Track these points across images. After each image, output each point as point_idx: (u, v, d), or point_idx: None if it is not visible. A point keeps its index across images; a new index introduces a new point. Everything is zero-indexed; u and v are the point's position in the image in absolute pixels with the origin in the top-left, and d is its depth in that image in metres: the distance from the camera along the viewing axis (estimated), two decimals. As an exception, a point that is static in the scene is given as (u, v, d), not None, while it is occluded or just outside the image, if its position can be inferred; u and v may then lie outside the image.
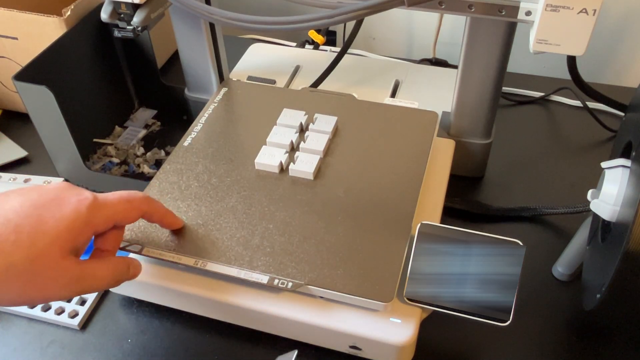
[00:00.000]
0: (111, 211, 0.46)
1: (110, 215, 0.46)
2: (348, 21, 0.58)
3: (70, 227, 0.42)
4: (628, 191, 0.48)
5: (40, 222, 0.41)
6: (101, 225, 0.45)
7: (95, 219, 0.44)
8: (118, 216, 0.46)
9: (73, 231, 0.42)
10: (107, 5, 0.60)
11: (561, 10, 0.48)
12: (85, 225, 0.43)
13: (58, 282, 0.42)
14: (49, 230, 0.41)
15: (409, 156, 0.61)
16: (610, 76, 0.94)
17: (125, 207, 0.47)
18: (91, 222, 0.44)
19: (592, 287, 0.50)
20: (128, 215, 0.48)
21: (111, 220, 0.46)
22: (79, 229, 0.43)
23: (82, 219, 0.43)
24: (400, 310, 0.50)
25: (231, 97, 0.70)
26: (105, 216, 0.45)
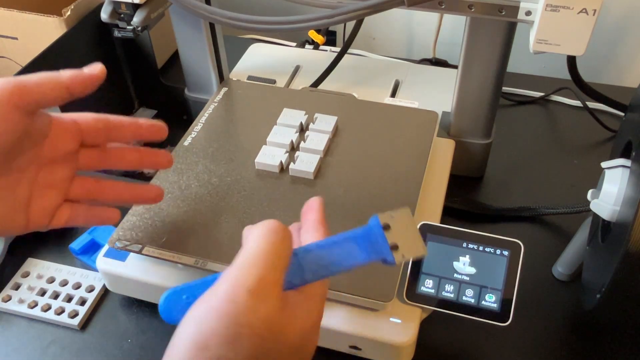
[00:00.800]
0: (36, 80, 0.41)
1: (36, 84, 0.41)
2: (348, 21, 0.58)
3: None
4: (628, 191, 0.48)
5: None
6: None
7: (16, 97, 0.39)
8: (46, 83, 0.42)
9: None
10: (107, 5, 0.60)
11: (561, 10, 0.48)
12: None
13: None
14: None
15: (409, 156, 0.61)
16: (610, 76, 0.94)
17: (53, 74, 0.43)
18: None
19: (592, 287, 0.50)
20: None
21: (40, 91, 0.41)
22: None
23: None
24: (400, 310, 0.50)
25: (231, 97, 0.70)
26: (31, 90, 0.40)
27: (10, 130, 0.39)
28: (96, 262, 0.56)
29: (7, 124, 0.39)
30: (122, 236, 0.54)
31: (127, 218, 0.55)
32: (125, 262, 0.55)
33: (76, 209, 0.46)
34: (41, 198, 0.44)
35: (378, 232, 0.36)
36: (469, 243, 0.51)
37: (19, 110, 0.39)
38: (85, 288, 0.60)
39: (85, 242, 0.62)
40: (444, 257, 0.51)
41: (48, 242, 0.65)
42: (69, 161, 0.45)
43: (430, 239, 0.52)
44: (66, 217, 0.46)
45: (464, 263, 0.50)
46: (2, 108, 0.38)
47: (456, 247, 0.51)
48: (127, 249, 0.53)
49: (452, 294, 0.50)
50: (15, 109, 0.39)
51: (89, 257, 0.62)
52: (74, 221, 0.46)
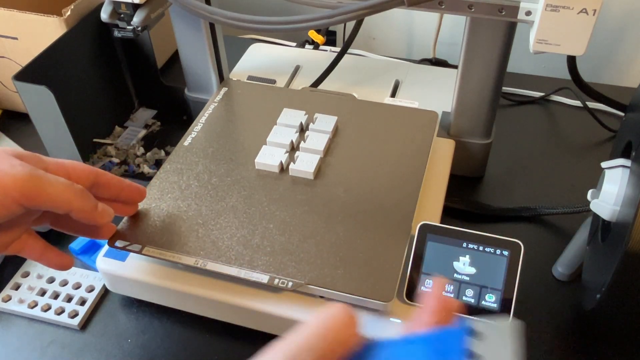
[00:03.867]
0: (47, 196, 0.41)
1: (46, 200, 0.41)
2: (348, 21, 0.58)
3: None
4: (628, 191, 0.48)
5: None
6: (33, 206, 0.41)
7: (25, 199, 0.40)
8: (56, 202, 0.41)
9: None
10: (107, 5, 0.60)
11: (561, 10, 0.48)
12: (11, 203, 0.40)
13: None
14: None
15: (409, 156, 0.61)
16: (610, 76, 0.94)
17: (67, 195, 0.42)
18: (17, 201, 0.40)
19: (592, 287, 0.50)
20: (69, 202, 0.42)
21: (47, 204, 0.41)
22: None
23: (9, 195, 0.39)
24: (400, 310, 0.50)
25: (231, 97, 0.70)
26: (40, 200, 0.41)
27: (3, 217, 0.40)
28: (96, 262, 0.56)
29: (4, 212, 0.40)
30: (122, 236, 0.54)
31: (127, 218, 0.55)
32: (125, 262, 0.55)
33: (33, 244, 0.47)
34: (3, 235, 0.44)
35: (457, 334, 0.30)
36: (469, 243, 0.51)
37: (21, 206, 0.40)
38: (85, 288, 0.60)
39: (85, 242, 0.62)
40: (444, 257, 0.51)
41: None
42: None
43: (430, 239, 0.52)
44: (19, 248, 0.46)
45: (464, 263, 0.50)
46: (8, 203, 0.39)
47: (456, 247, 0.51)
48: (127, 249, 0.53)
49: (452, 294, 0.50)
50: (19, 206, 0.40)
51: (89, 257, 0.62)
52: (27, 255, 0.47)
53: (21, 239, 0.46)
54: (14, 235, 0.45)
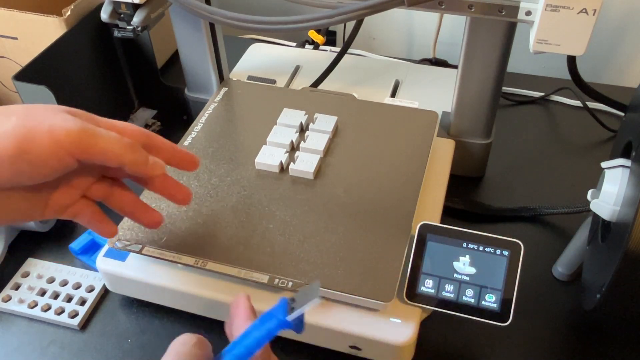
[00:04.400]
0: (99, 148, 0.41)
1: (98, 152, 0.41)
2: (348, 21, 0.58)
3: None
4: (628, 191, 0.48)
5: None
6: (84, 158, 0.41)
7: (78, 152, 0.40)
8: (108, 154, 0.41)
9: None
10: (107, 5, 0.60)
11: (561, 10, 0.48)
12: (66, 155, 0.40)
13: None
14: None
15: (409, 156, 0.61)
16: (610, 76, 0.94)
17: (119, 147, 0.42)
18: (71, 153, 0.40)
19: (592, 287, 0.50)
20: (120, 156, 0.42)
21: (100, 157, 0.41)
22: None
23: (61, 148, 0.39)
24: (400, 310, 0.50)
25: (231, 97, 0.70)
26: (93, 152, 0.41)
27: (59, 171, 0.40)
28: (96, 262, 0.56)
29: (60, 169, 0.40)
30: (122, 236, 0.54)
31: (127, 218, 0.55)
32: (125, 262, 0.55)
33: (86, 209, 0.46)
34: (62, 196, 0.44)
35: (279, 304, 0.38)
36: (469, 243, 0.51)
37: (73, 158, 0.40)
38: (85, 288, 0.60)
39: (85, 242, 0.62)
40: (444, 257, 0.51)
41: (48, 242, 0.65)
42: (98, 167, 0.45)
43: (430, 239, 0.52)
44: (74, 212, 0.46)
45: (464, 263, 0.50)
46: (64, 157, 0.39)
47: (456, 247, 0.51)
48: (127, 249, 0.53)
49: (452, 294, 0.50)
50: (72, 158, 0.40)
51: (89, 257, 0.62)
52: (80, 219, 0.46)
53: (78, 204, 0.45)
54: (71, 196, 0.45)
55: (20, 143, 0.38)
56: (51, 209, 0.44)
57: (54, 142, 0.39)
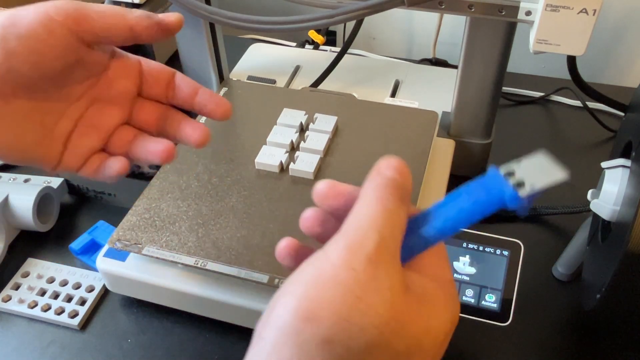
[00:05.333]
0: (97, 14, 0.36)
1: (97, 19, 0.36)
2: (348, 21, 0.58)
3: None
4: (628, 191, 0.48)
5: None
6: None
7: (73, 22, 0.35)
8: (108, 20, 0.36)
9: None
10: (107, 5, 0.60)
11: (561, 10, 0.48)
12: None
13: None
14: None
15: (409, 156, 0.61)
16: (610, 76, 0.94)
17: (119, 10, 0.37)
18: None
19: (592, 287, 0.50)
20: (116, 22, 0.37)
21: (100, 25, 0.36)
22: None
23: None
24: (400, 310, 0.50)
25: (231, 97, 0.70)
26: (91, 20, 0.36)
27: (60, 55, 0.35)
28: (96, 262, 0.56)
29: (58, 48, 0.35)
30: (122, 236, 0.54)
31: (127, 218, 0.55)
32: (125, 262, 0.55)
33: (107, 163, 0.40)
34: (82, 137, 0.39)
35: (492, 174, 0.30)
36: (469, 243, 0.51)
37: (74, 37, 0.35)
38: (85, 288, 0.60)
39: (85, 242, 0.62)
40: (444, 257, 0.51)
41: (48, 242, 0.65)
42: (121, 106, 0.40)
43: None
44: (95, 168, 0.40)
45: (464, 263, 0.50)
46: (56, 30, 0.35)
47: (456, 247, 0.51)
48: (127, 249, 0.53)
49: (452, 294, 0.49)
50: (70, 34, 0.35)
51: (89, 257, 0.62)
52: (100, 175, 0.40)
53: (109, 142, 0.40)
54: (91, 137, 0.39)
55: (7, 19, 0.34)
56: (70, 153, 0.39)
57: (42, 12, 0.35)
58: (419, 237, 0.29)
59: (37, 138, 0.38)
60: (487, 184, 0.29)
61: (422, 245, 0.29)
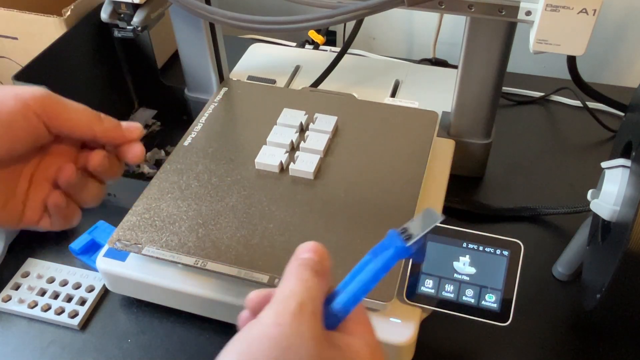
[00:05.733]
0: (68, 114, 0.40)
1: (68, 118, 0.40)
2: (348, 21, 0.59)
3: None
4: (628, 191, 0.48)
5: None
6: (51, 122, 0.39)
7: (46, 115, 0.39)
8: (78, 121, 0.40)
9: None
10: (107, 5, 0.60)
11: (561, 10, 0.48)
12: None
13: None
14: None
15: (409, 156, 0.61)
16: (610, 76, 0.94)
17: (89, 114, 0.41)
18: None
19: (592, 287, 0.50)
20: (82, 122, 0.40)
21: (69, 123, 0.40)
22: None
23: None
24: (400, 310, 0.50)
25: (231, 97, 0.70)
26: (62, 117, 0.40)
27: (32, 140, 0.39)
28: (96, 262, 0.56)
29: (32, 135, 0.38)
30: (122, 236, 0.54)
31: (127, 218, 0.55)
32: (125, 262, 0.55)
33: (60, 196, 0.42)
34: (36, 191, 0.42)
35: (390, 234, 0.36)
36: (469, 243, 0.51)
37: (43, 125, 0.39)
38: (85, 288, 0.60)
39: (85, 242, 0.62)
40: (444, 257, 0.51)
41: (48, 242, 0.65)
42: (68, 155, 0.43)
43: (430, 239, 0.52)
44: (52, 203, 0.42)
45: (464, 263, 0.50)
46: (32, 119, 0.38)
47: (456, 247, 0.51)
48: (127, 249, 0.53)
49: (452, 294, 0.50)
50: (42, 124, 0.38)
51: (89, 257, 0.62)
52: (54, 209, 0.42)
53: (53, 194, 0.42)
54: (44, 188, 0.41)
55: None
56: (30, 208, 0.41)
57: (21, 101, 0.37)
58: (336, 305, 0.34)
59: (2, 203, 0.40)
60: (387, 244, 0.35)
61: (342, 312, 0.34)
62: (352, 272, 0.35)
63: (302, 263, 0.35)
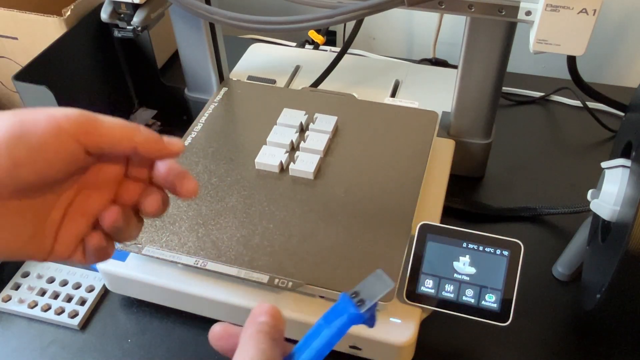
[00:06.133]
0: (105, 129, 0.37)
1: (105, 134, 0.37)
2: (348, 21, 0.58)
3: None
4: (628, 191, 0.48)
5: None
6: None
7: (82, 134, 0.36)
8: (116, 136, 0.37)
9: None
10: (107, 5, 0.60)
11: (561, 10, 0.48)
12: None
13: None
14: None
15: (409, 156, 0.61)
16: (610, 76, 0.94)
17: (127, 127, 0.37)
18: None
19: (592, 287, 0.50)
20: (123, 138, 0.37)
21: (108, 139, 0.37)
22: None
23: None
24: (400, 310, 0.50)
25: (231, 97, 0.70)
26: (99, 134, 0.36)
27: (66, 165, 0.36)
28: (96, 262, 0.56)
29: (66, 159, 0.35)
30: (122, 236, 0.54)
31: (127, 218, 0.55)
32: (125, 262, 0.55)
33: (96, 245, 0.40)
34: (70, 225, 0.39)
35: (342, 299, 0.35)
36: (469, 243, 0.51)
37: (81, 148, 0.36)
38: (85, 288, 0.60)
39: (85, 242, 0.62)
40: (444, 257, 0.51)
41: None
42: (108, 189, 0.40)
43: (430, 239, 0.52)
44: (87, 251, 0.40)
45: (464, 263, 0.50)
46: (66, 142, 0.35)
47: (456, 247, 0.51)
48: (127, 249, 0.53)
49: (452, 294, 0.50)
50: (78, 146, 0.35)
51: (89, 257, 0.62)
52: (90, 259, 0.41)
53: (93, 233, 0.39)
54: (80, 224, 0.39)
55: (17, 126, 0.34)
56: (61, 242, 0.39)
57: (54, 123, 0.35)
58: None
59: (31, 233, 0.37)
60: (339, 309, 0.35)
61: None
62: (306, 337, 0.35)
63: (260, 329, 0.34)
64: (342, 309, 0.35)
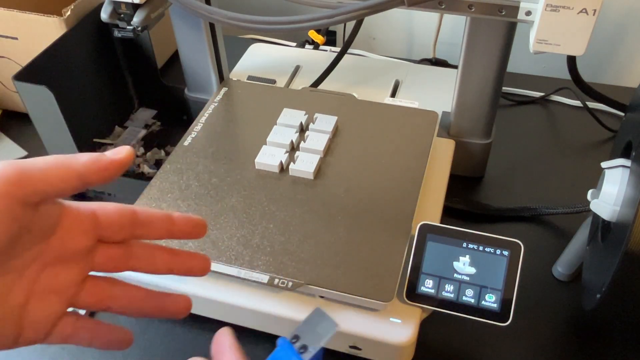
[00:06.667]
0: (38, 171, 0.32)
1: (40, 176, 0.32)
2: (348, 21, 0.58)
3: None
4: (628, 191, 0.48)
5: None
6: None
7: (12, 186, 0.31)
8: (51, 175, 0.33)
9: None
10: (107, 5, 0.60)
11: (561, 10, 0.48)
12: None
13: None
14: None
15: (409, 156, 0.61)
16: (610, 76, 0.94)
17: (61, 159, 0.33)
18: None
19: (592, 287, 0.50)
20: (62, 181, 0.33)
21: (44, 183, 0.32)
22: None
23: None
24: (400, 310, 0.50)
25: (231, 97, 0.70)
26: (33, 179, 0.32)
27: (5, 227, 0.31)
28: (96, 262, 0.56)
29: (2, 220, 0.31)
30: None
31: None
32: (125, 262, 0.55)
33: (81, 324, 0.38)
34: (39, 305, 0.35)
35: (281, 345, 0.34)
36: (469, 243, 0.51)
37: (19, 203, 0.31)
38: (85, 288, 0.60)
39: (85, 242, 0.62)
40: (444, 257, 0.51)
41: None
42: (80, 261, 0.37)
43: (430, 239, 0.52)
44: (68, 333, 0.38)
45: (464, 263, 0.50)
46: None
47: (456, 247, 0.51)
48: (127, 249, 0.53)
49: (452, 294, 0.50)
50: (14, 202, 0.31)
51: (89, 257, 0.62)
52: (76, 339, 0.39)
53: (67, 318, 0.37)
54: (52, 306, 0.36)
55: None
56: (29, 326, 0.35)
57: None
58: None
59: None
60: (280, 356, 0.33)
61: None
62: None
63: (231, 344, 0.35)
64: (284, 356, 0.32)
